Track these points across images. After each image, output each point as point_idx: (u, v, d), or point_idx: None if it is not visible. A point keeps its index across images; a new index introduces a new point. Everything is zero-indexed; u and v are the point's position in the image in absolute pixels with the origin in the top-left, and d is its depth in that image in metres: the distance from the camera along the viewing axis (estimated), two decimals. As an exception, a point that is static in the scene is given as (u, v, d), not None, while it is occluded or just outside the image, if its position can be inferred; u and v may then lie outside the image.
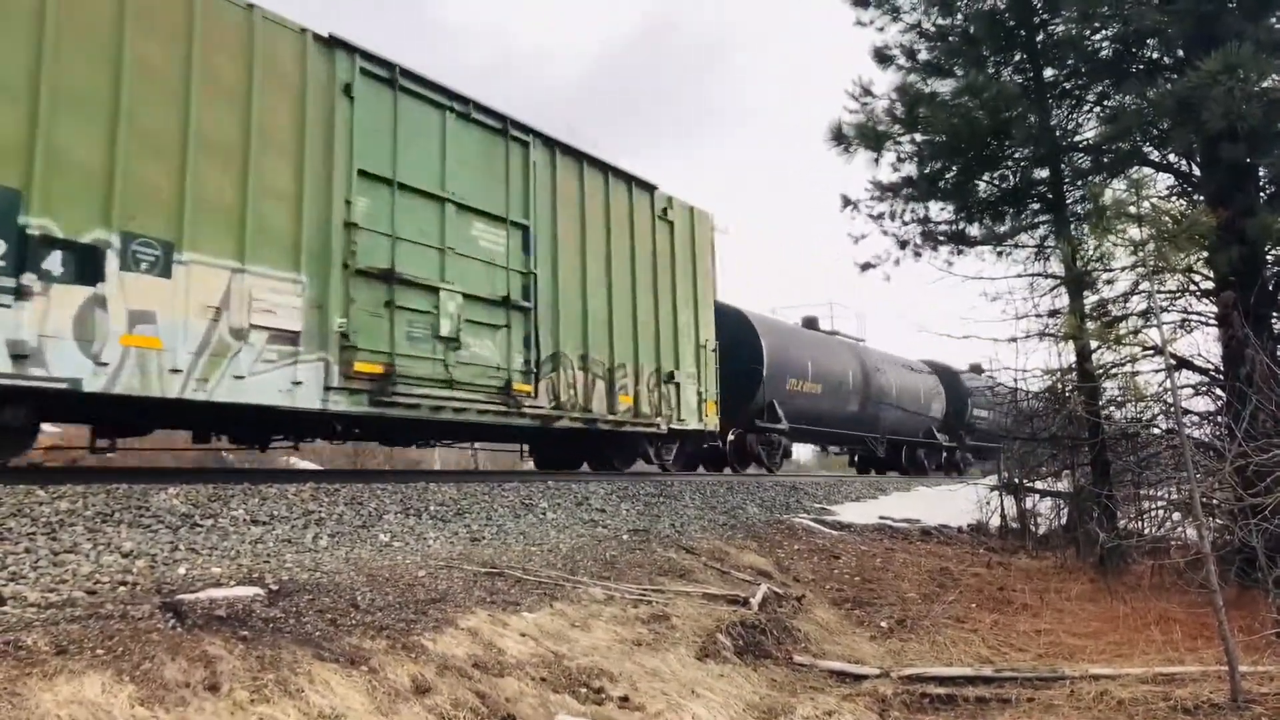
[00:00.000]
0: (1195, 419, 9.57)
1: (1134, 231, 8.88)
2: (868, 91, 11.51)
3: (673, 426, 14.27)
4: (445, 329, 10.36)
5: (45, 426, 16.24)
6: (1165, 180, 10.58)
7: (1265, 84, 8.28)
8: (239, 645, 4.03)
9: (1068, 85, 11.05)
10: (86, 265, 7.40)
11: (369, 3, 79.12)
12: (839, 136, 11.31)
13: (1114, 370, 10.19)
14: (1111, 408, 10.62)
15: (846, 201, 12.11)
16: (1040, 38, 10.88)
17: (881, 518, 13.14)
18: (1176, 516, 9.35)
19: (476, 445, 15.93)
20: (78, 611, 4.14)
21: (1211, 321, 9.69)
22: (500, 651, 4.94)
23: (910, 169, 11.64)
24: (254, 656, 3.97)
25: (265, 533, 6.44)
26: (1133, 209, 8.82)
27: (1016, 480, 12.89)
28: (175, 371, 7.87)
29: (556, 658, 5.11)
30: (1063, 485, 12.15)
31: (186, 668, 3.71)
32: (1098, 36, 10.34)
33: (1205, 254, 9.15)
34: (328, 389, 9.07)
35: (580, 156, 12.95)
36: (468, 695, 4.34)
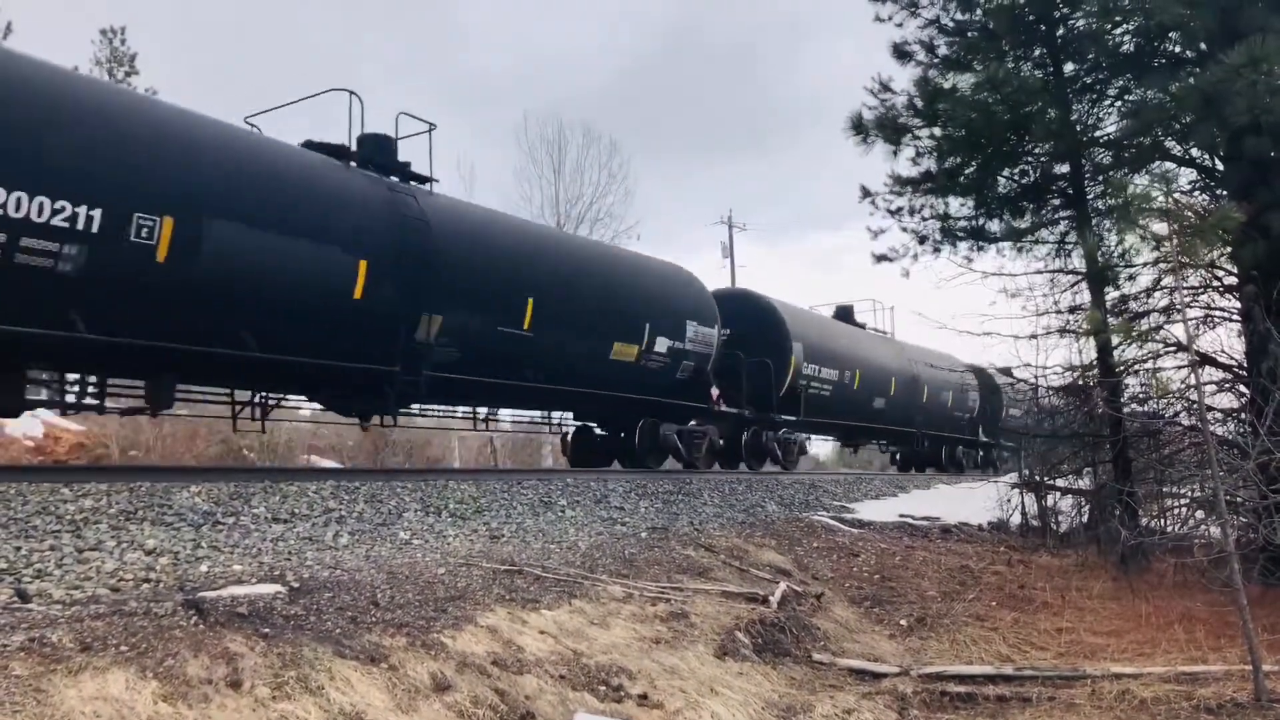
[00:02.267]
0: (1219, 416, 9.48)
1: (1157, 226, 8.80)
2: (886, 87, 11.46)
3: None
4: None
5: (68, 425, 16.45)
6: (1188, 175, 10.50)
7: (1289, 77, 8.18)
8: (260, 642, 4.06)
9: (1088, 80, 10.96)
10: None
11: (389, 5, 79.83)
12: (858, 126, 11.27)
13: (1136, 366, 10.12)
14: (1134, 404, 10.54)
15: (865, 193, 12.06)
16: (1060, 32, 10.80)
17: (901, 515, 13.09)
18: (1200, 514, 9.27)
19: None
20: (102, 608, 4.18)
21: (1235, 317, 9.60)
22: (519, 649, 4.95)
23: (929, 163, 11.58)
24: (275, 653, 4.00)
25: (286, 530, 6.48)
26: (1158, 202, 8.74)
27: (1037, 477, 12.81)
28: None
29: (575, 655, 5.13)
30: (1084, 483, 12.06)
31: (209, 664, 3.75)
32: (1119, 30, 10.25)
33: (1229, 249, 9.06)
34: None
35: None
36: (487, 693, 4.36)
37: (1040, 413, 13.21)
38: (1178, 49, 10.16)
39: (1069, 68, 10.94)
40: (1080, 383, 11.15)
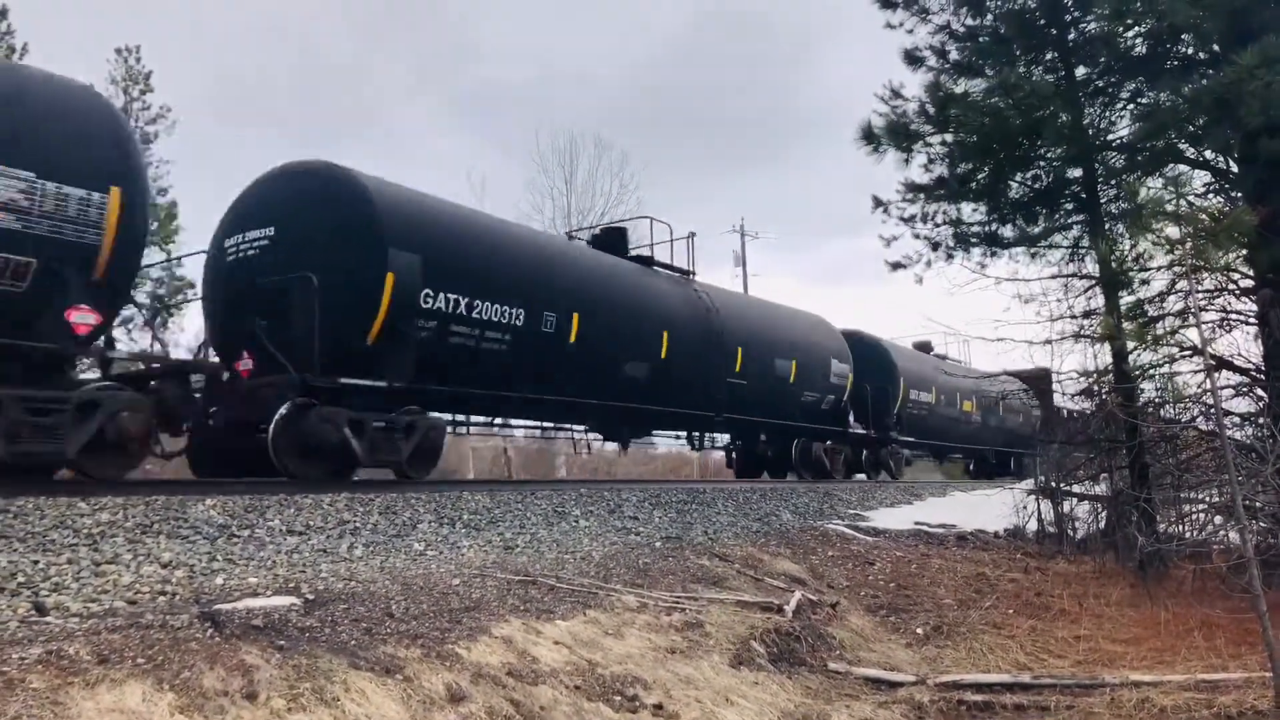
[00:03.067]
0: (1236, 420, 9.41)
1: (1171, 230, 8.75)
2: (897, 94, 11.45)
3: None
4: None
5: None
6: (1202, 177, 10.44)
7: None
8: (276, 654, 4.07)
9: (1100, 83, 10.92)
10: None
11: (403, 21, 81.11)
12: (869, 136, 11.26)
13: (1151, 371, 10.05)
14: (1149, 409, 10.47)
15: (877, 203, 12.04)
16: (1072, 36, 10.77)
17: (917, 523, 13.03)
18: (1218, 520, 9.20)
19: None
20: (118, 621, 4.20)
21: (1252, 320, 9.53)
22: (534, 660, 4.95)
23: (941, 170, 11.56)
24: (290, 665, 4.01)
25: (301, 543, 6.49)
26: (1171, 206, 8.70)
27: (1054, 484, 12.74)
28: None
29: (590, 666, 5.12)
30: (1101, 489, 11.99)
31: (225, 676, 3.76)
32: (1130, 33, 10.23)
33: (1244, 251, 9.00)
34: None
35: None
36: (502, 703, 4.36)
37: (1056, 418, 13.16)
38: (1190, 51, 10.12)
39: (1081, 71, 10.90)
40: (1096, 388, 11.09)
